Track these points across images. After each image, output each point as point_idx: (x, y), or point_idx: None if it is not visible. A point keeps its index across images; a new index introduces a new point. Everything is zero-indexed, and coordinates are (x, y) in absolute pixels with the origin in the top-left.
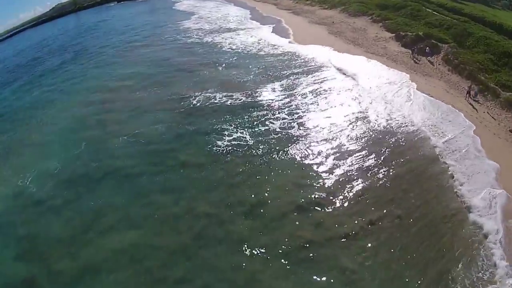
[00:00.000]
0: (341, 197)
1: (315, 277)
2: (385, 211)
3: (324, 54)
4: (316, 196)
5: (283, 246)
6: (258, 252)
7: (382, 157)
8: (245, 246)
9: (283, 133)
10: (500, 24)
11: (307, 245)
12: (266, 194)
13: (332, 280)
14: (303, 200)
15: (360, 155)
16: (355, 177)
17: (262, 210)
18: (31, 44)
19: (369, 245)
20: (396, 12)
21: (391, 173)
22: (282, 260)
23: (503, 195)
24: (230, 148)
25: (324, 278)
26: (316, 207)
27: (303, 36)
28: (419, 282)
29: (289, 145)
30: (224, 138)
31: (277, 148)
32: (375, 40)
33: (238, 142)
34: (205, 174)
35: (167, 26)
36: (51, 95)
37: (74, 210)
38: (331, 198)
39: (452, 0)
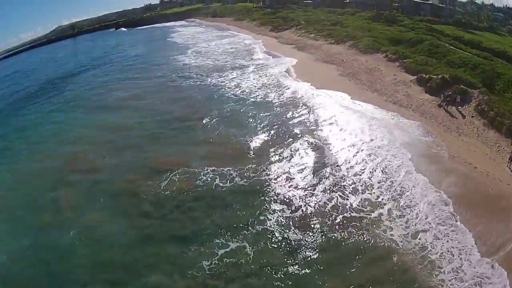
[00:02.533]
0: None
1: None
2: None
3: (340, 105)
4: None
5: None
6: None
7: None
8: None
9: (291, 238)
10: None
11: None
12: None
13: None
14: None
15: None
16: None
17: None
18: (19, 70)
19: None
20: (411, 48)
21: None
22: None
23: None
24: (214, 267)
25: None
26: None
27: (311, 78)
28: None
29: (302, 262)
30: (207, 250)
31: (284, 269)
32: (394, 84)
33: (230, 259)
34: None
35: (161, 62)
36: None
37: None
38: None
39: (463, 30)
